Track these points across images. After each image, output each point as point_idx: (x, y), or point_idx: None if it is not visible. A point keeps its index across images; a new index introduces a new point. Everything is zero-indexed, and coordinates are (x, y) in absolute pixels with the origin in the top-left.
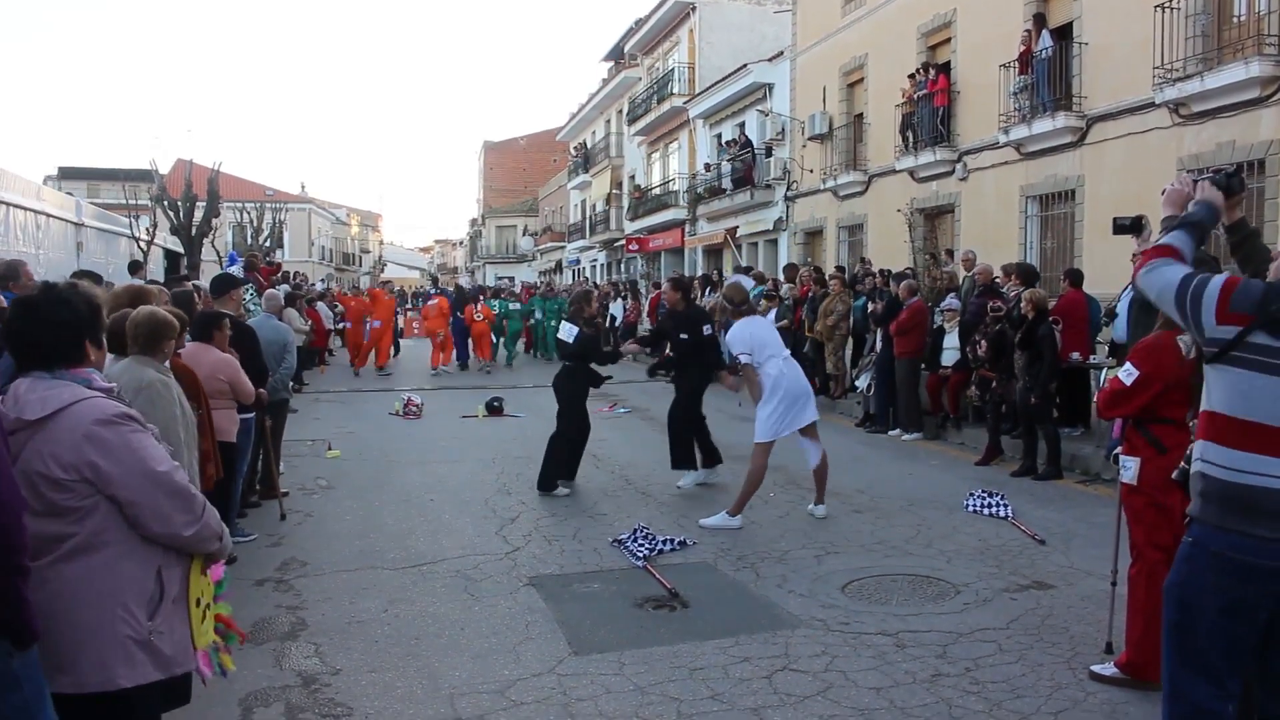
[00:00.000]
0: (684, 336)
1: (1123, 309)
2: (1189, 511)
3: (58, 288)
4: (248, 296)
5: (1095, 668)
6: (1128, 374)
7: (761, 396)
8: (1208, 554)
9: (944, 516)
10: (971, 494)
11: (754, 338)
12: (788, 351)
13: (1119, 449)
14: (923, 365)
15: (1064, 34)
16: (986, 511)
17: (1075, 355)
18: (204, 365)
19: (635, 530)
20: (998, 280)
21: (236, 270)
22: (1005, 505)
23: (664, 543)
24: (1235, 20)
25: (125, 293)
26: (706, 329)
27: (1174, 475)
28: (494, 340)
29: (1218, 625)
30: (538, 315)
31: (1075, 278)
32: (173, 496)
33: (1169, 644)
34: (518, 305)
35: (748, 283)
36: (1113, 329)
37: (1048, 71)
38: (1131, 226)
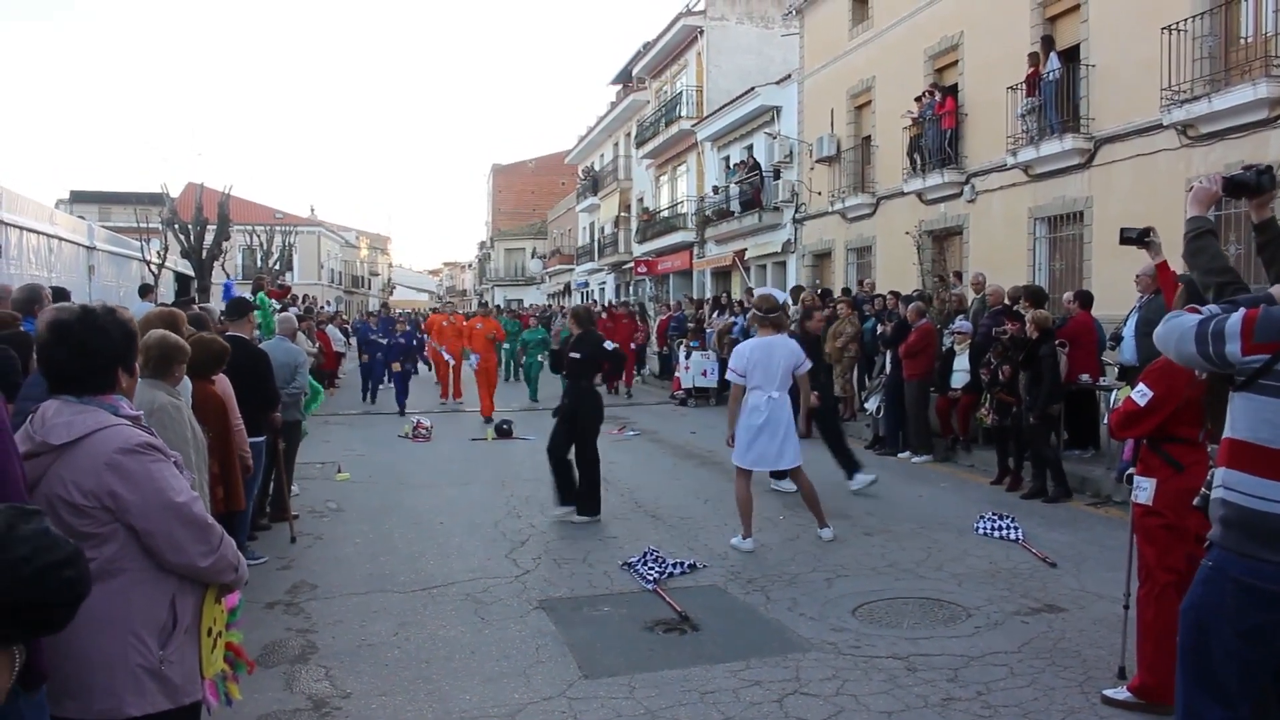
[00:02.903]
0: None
1: (1128, 332)
2: (1209, 536)
3: (95, 313)
4: (275, 318)
5: (1108, 691)
6: (1141, 395)
7: (736, 419)
8: (1228, 579)
9: (955, 539)
10: (982, 516)
11: (751, 361)
12: (778, 391)
13: (1132, 470)
14: (932, 388)
15: (1071, 56)
16: (997, 534)
17: (1084, 377)
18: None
19: (645, 553)
20: (1007, 302)
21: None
22: (1016, 528)
23: (674, 565)
24: (1243, 41)
25: (159, 317)
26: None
27: (1195, 502)
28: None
29: (1235, 650)
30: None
31: (1084, 299)
32: (190, 527)
33: (1184, 666)
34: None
35: (780, 295)
36: (1119, 352)
37: (1055, 93)
38: (1138, 237)
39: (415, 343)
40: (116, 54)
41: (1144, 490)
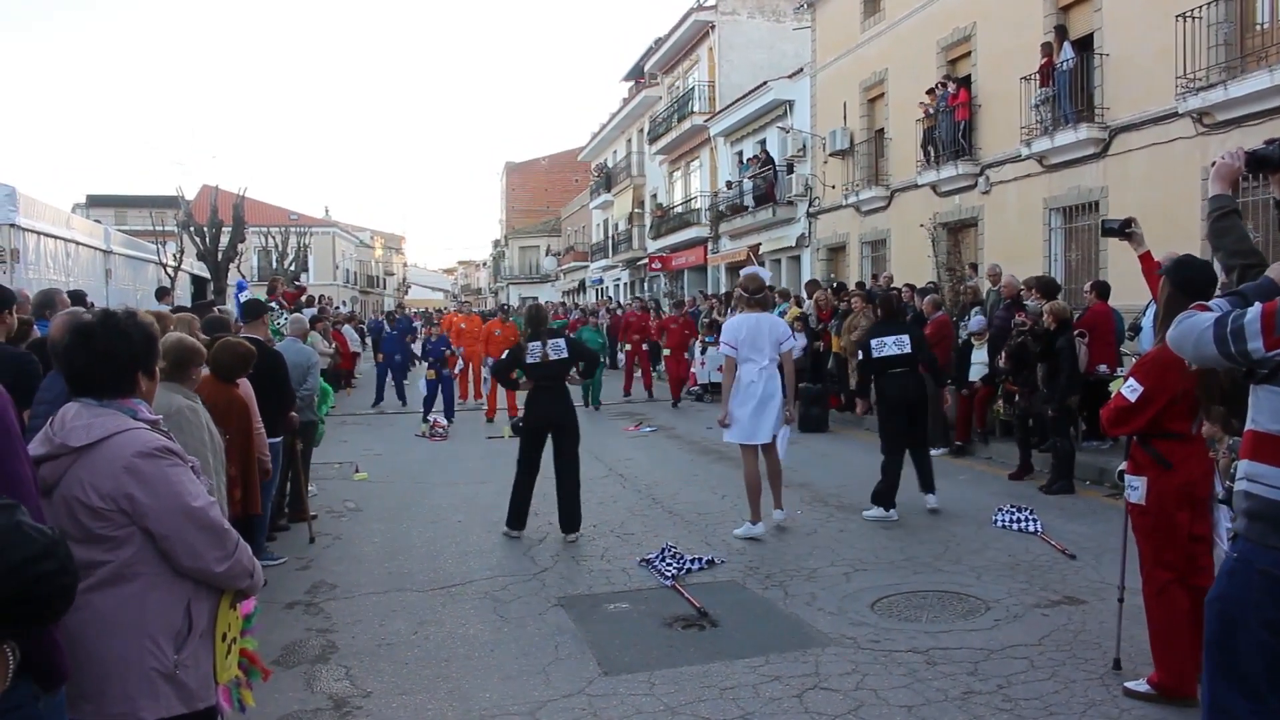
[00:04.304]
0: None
1: (1147, 322)
2: (1234, 529)
3: (117, 317)
4: (282, 320)
5: (1129, 684)
6: (1131, 390)
7: (730, 394)
8: (1254, 571)
9: (973, 532)
10: (1000, 509)
11: (739, 333)
12: (768, 362)
13: (1122, 467)
14: (949, 380)
15: (1084, 45)
16: (1015, 526)
17: (1102, 367)
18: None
19: (663, 550)
20: (1021, 293)
21: (246, 297)
22: (1034, 520)
23: (692, 562)
24: (1258, 28)
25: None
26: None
27: (1219, 495)
28: None
29: (1262, 642)
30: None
31: (1102, 289)
32: (206, 532)
33: (1210, 658)
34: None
35: (765, 274)
36: (1138, 342)
37: (1069, 83)
38: (1119, 229)
39: (446, 348)
40: (132, 58)
41: (1135, 490)
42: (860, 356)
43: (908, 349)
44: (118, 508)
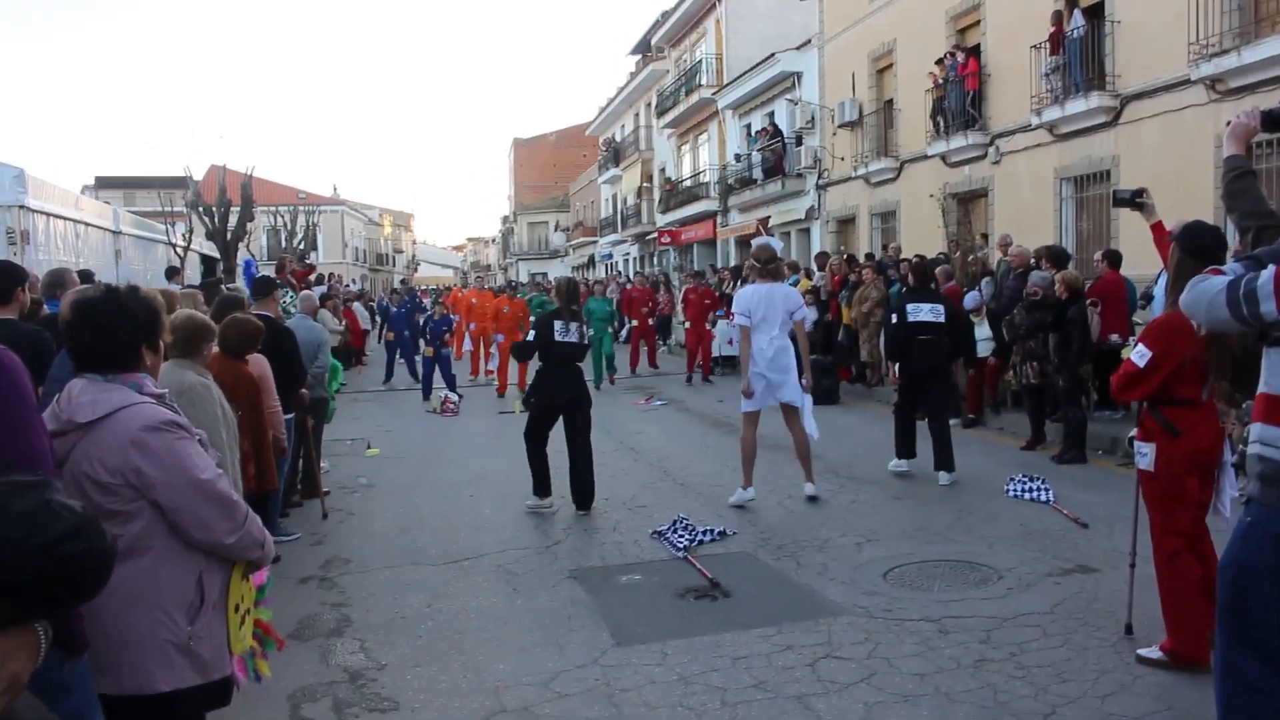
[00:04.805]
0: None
1: (1159, 291)
2: (1247, 493)
3: (119, 292)
4: (288, 299)
5: (1142, 651)
6: (1140, 355)
7: (749, 363)
8: (1267, 535)
9: (985, 502)
10: (1012, 479)
11: (752, 303)
12: (778, 331)
13: (1133, 434)
14: (969, 361)
15: (1095, 13)
16: (1027, 496)
17: (1114, 337)
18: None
19: (675, 521)
20: (1032, 263)
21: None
22: (1046, 489)
23: (704, 533)
24: None
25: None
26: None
27: (1232, 459)
28: None
29: (1274, 606)
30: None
31: (1114, 259)
32: (215, 503)
33: (1222, 622)
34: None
35: (776, 244)
36: (1150, 311)
37: (1080, 51)
38: (1130, 199)
39: (446, 329)
40: (137, 39)
41: (1144, 456)
42: (893, 320)
43: (942, 318)
44: (126, 482)
